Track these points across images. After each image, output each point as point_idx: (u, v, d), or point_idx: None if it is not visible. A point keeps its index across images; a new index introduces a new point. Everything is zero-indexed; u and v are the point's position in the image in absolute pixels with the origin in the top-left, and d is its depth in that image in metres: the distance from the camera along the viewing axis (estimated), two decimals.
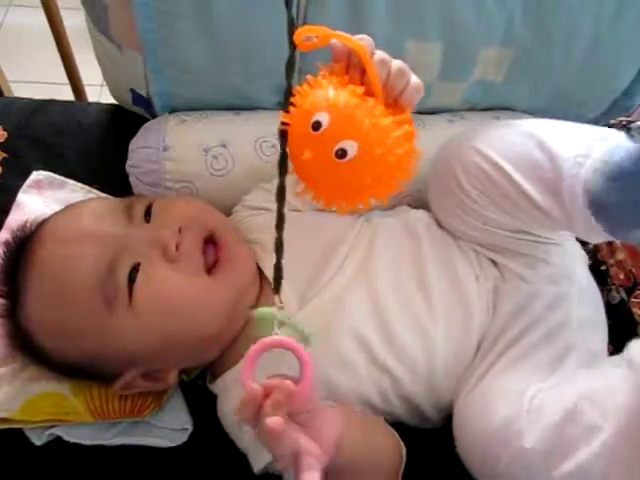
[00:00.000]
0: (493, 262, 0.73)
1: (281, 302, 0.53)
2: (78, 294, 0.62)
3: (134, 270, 0.62)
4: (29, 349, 0.67)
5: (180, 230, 0.65)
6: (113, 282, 0.61)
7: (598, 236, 0.63)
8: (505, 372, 0.65)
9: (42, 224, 0.68)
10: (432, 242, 0.74)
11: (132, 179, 0.84)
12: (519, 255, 0.71)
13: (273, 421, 0.48)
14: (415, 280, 0.70)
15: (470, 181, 0.66)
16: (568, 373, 0.64)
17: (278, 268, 0.53)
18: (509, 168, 0.63)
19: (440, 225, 0.77)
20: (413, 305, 0.68)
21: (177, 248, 0.64)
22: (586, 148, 0.60)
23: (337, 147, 0.48)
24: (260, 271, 0.72)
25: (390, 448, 0.63)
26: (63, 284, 0.62)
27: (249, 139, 0.82)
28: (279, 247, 0.54)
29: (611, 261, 0.85)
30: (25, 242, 0.67)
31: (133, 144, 0.84)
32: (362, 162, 0.48)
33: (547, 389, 0.62)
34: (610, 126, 0.99)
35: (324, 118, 0.48)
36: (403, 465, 0.63)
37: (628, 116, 1.00)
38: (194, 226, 0.67)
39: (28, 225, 0.69)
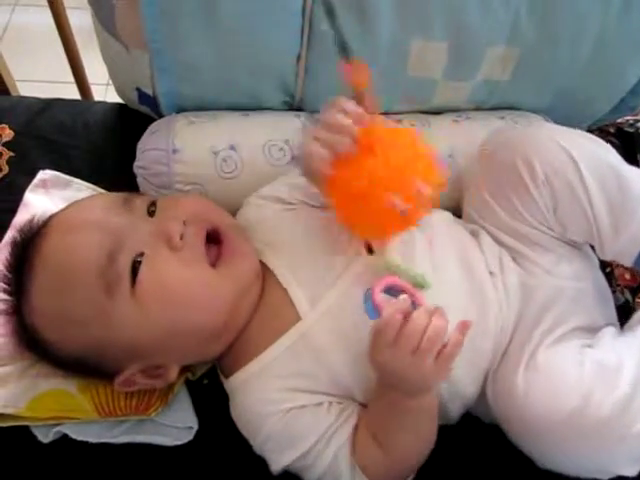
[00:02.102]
0: (514, 259, 0.74)
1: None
2: (79, 282, 0.62)
3: (137, 259, 0.63)
4: (34, 345, 0.67)
5: (184, 223, 0.66)
6: (115, 270, 0.62)
7: (621, 258, 0.72)
8: (554, 348, 0.67)
9: (48, 220, 0.69)
10: (445, 236, 0.75)
11: (140, 180, 0.84)
12: (545, 250, 0.73)
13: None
14: (430, 273, 0.69)
15: (544, 168, 0.70)
16: (609, 344, 0.67)
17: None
18: (584, 168, 0.69)
19: (456, 217, 0.79)
20: (429, 298, 0.69)
21: (181, 239, 0.64)
22: None
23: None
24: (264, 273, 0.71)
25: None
26: (65, 273, 0.63)
27: (258, 142, 0.83)
28: None
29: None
30: (31, 239, 0.67)
31: (141, 145, 0.84)
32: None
33: (601, 353, 0.65)
34: (617, 125, 0.99)
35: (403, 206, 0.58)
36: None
37: (635, 115, 1.00)
38: (198, 219, 0.67)
39: (35, 221, 0.69)
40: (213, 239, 0.68)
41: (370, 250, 0.63)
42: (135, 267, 0.62)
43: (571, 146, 0.70)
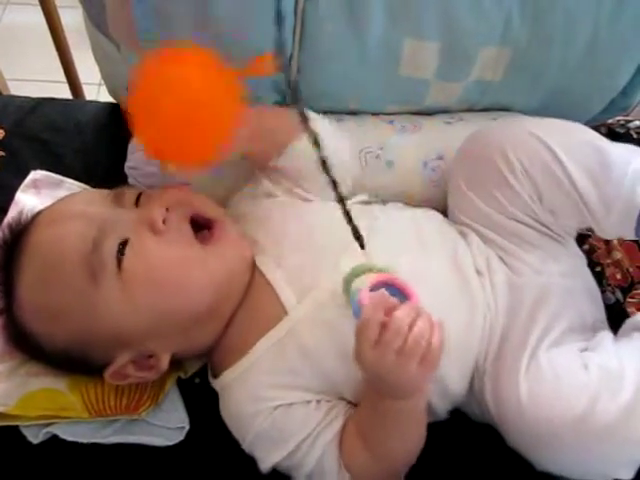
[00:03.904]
0: (502, 259, 0.74)
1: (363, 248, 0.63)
2: (64, 270, 0.62)
3: (122, 245, 0.63)
4: (23, 340, 0.67)
5: (168, 209, 0.66)
6: (99, 256, 0.62)
7: (622, 232, 0.71)
8: (555, 350, 0.67)
9: (35, 216, 0.69)
10: (435, 235, 0.75)
11: (131, 180, 0.83)
12: (532, 247, 0.74)
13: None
14: (417, 269, 0.70)
15: (518, 156, 0.70)
16: (610, 349, 0.67)
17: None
18: (559, 151, 0.69)
19: (446, 218, 0.79)
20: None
21: (164, 223, 0.65)
22: (632, 152, 0.70)
23: None
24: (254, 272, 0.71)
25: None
26: (50, 263, 0.63)
27: None
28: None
29: (608, 261, 0.85)
30: (19, 234, 0.67)
31: (132, 146, 0.83)
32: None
33: (604, 358, 0.65)
34: (608, 126, 0.99)
35: None
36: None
37: (626, 115, 1.00)
38: (182, 205, 0.68)
39: (23, 217, 0.70)
40: (204, 226, 0.69)
41: (362, 246, 0.63)
42: (120, 253, 0.62)
43: (543, 132, 0.71)
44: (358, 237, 0.62)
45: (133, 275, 0.62)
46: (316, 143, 0.60)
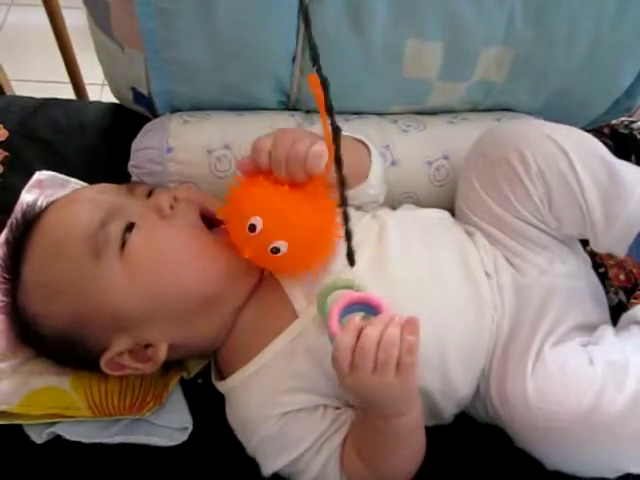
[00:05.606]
0: (508, 259, 0.74)
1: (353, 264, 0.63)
2: (67, 247, 0.63)
3: (129, 227, 0.64)
4: (23, 326, 0.67)
5: (176, 199, 0.68)
6: (104, 235, 0.63)
7: (615, 249, 0.71)
8: (559, 347, 0.67)
9: (49, 204, 0.71)
10: (445, 236, 0.75)
11: (134, 179, 0.84)
12: (540, 248, 0.74)
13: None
14: (429, 272, 0.70)
15: (536, 161, 0.71)
16: (613, 342, 0.68)
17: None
18: (575, 159, 0.70)
19: (455, 219, 0.79)
20: (427, 297, 0.69)
21: (172, 209, 0.67)
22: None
23: (271, 246, 0.60)
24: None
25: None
26: (56, 240, 0.65)
27: (252, 141, 0.82)
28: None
29: (611, 262, 0.85)
30: (32, 220, 0.69)
31: (135, 145, 0.84)
32: (293, 255, 0.62)
33: (607, 351, 0.66)
34: (612, 126, 0.99)
35: (258, 222, 0.60)
36: None
37: (630, 116, 1.00)
38: (190, 196, 0.70)
39: (37, 205, 0.71)
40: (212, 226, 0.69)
41: (352, 263, 0.63)
42: (125, 233, 0.64)
43: (562, 139, 0.71)
44: (350, 255, 0.62)
45: (136, 255, 0.63)
46: (335, 140, 0.60)
